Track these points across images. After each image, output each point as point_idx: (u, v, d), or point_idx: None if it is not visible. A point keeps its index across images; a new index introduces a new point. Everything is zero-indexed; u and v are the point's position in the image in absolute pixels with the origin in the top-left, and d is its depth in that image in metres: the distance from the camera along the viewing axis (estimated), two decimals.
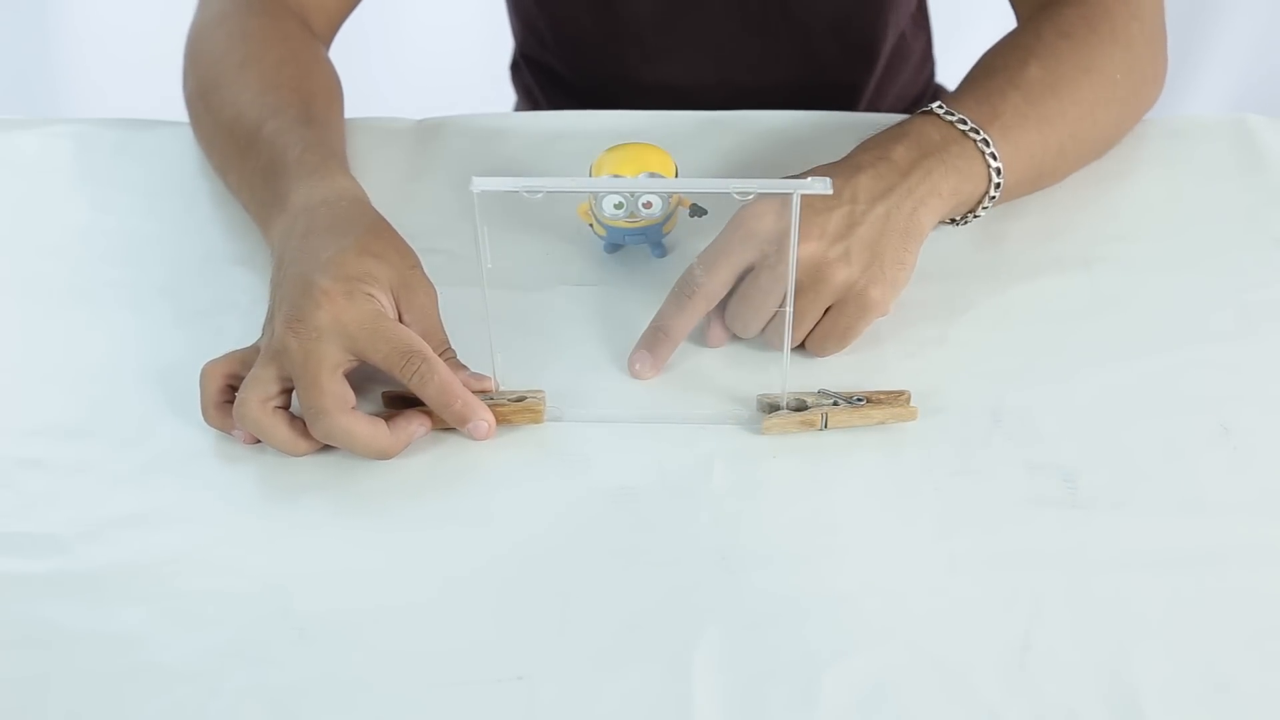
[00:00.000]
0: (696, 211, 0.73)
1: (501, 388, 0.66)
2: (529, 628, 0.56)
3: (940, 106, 0.72)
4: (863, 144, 0.71)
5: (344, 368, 0.61)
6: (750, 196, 0.59)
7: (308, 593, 0.58)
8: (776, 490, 0.62)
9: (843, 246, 0.65)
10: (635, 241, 0.74)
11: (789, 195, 0.58)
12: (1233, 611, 0.56)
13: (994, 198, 0.72)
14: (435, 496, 0.62)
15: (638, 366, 0.67)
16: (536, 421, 0.65)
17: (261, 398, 0.61)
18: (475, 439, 0.63)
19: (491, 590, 0.58)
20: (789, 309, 0.62)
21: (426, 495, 0.62)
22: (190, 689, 0.54)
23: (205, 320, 0.72)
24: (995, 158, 0.70)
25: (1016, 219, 0.76)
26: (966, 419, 0.65)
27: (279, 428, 0.62)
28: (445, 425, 0.64)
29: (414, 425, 0.63)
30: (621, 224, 0.71)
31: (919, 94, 1.12)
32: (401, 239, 0.67)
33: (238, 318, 0.71)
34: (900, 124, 0.72)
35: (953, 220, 0.74)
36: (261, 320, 0.66)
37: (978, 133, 0.70)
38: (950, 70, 1.23)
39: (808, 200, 0.63)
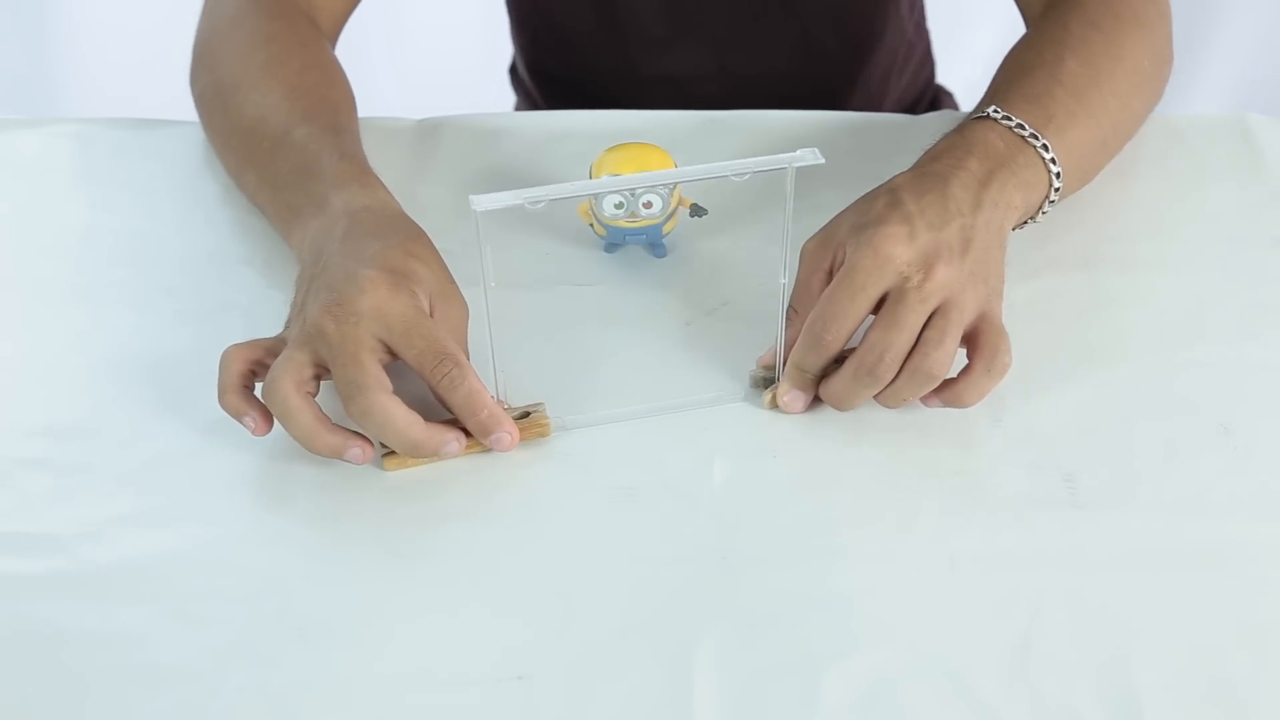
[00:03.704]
0: (697, 211, 0.73)
1: (502, 397, 0.65)
2: (529, 628, 0.56)
3: (996, 111, 0.69)
4: (930, 153, 0.68)
5: (379, 355, 0.60)
6: (746, 176, 0.59)
7: (308, 593, 0.58)
8: (776, 490, 0.62)
9: (969, 264, 0.62)
10: (635, 241, 0.74)
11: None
12: (1233, 611, 0.56)
13: (1053, 201, 0.70)
14: (435, 496, 0.62)
15: (787, 398, 0.64)
16: (544, 435, 0.64)
17: (295, 379, 0.60)
18: (498, 450, 0.63)
19: (491, 590, 0.58)
20: (784, 279, 0.62)
21: (426, 495, 0.62)
22: (190, 689, 0.54)
23: (206, 320, 0.71)
24: (1055, 162, 0.69)
25: None
26: (966, 419, 0.65)
27: (305, 413, 0.60)
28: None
29: (449, 435, 0.61)
30: (621, 224, 0.71)
31: (919, 95, 1.12)
32: (440, 255, 0.66)
33: (239, 317, 0.71)
34: (960, 131, 0.69)
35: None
36: (264, 319, 0.65)
37: (1037, 138, 0.68)
38: (950, 71, 1.23)
39: (919, 212, 0.62)
